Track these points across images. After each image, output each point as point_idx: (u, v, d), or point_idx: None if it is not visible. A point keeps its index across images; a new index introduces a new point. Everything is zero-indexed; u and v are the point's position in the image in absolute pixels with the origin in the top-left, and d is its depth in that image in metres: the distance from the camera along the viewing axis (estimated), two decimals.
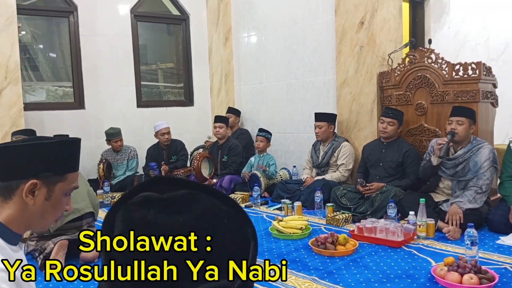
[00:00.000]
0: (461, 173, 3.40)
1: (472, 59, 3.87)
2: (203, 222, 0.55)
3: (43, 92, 5.65)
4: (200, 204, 0.57)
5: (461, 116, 3.37)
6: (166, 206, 0.55)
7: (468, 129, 3.38)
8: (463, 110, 3.43)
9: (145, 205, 0.56)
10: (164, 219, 0.54)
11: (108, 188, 4.96)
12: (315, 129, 4.52)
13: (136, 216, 0.56)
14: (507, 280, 2.39)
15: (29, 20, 5.58)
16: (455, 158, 3.43)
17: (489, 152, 3.32)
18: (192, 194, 0.58)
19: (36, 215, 1.09)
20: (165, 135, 5.35)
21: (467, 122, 3.36)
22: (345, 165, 4.37)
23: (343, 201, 3.91)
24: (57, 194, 1.10)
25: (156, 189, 0.59)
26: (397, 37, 4.52)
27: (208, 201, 0.58)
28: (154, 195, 0.57)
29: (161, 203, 0.56)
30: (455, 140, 3.39)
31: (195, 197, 0.57)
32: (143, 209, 0.56)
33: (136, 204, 0.57)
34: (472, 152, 3.37)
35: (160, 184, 0.60)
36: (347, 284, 2.43)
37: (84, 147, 6.28)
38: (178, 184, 0.60)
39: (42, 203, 1.08)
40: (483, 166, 3.29)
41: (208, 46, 6.42)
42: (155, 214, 0.55)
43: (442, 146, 3.34)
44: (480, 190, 3.26)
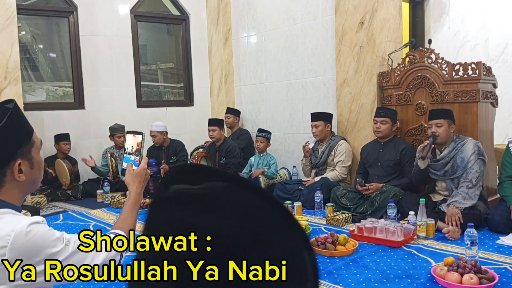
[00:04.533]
0: (451, 171, 3.44)
1: (472, 59, 3.87)
2: (247, 225, 0.48)
3: (43, 92, 5.65)
4: (241, 200, 0.49)
5: (439, 118, 3.43)
6: (205, 204, 0.48)
7: (448, 130, 3.42)
8: (440, 112, 3.49)
9: (177, 202, 0.49)
10: (203, 222, 0.47)
11: (108, 188, 4.96)
12: (312, 129, 4.52)
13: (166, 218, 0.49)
14: (507, 280, 2.39)
15: (29, 20, 5.58)
16: (442, 159, 3.47)
17: (473, 146, 3.36)
18: (231, 187, 0.50)
19: (30, 184, 1.21)
20: (153, 137, 5.23)
21: (446, 123, 3.41)
22: (342, 162, 4.37)
23: (343, 201, 3.92)
24: (36, 157, 1.21)
25: (188, 179, 0.51)
26: (397, 37, 4.52)
27: (248, 198, 0.50)
28: (189, 189, 0.49)
29: (198, 199, 0.49)
30: (438, 142, 3.45)
31: (235, 191, 0.50)
32: (182, 207, 0.48)
33: (166, 201, 0.50)
34: (457, 149, 3.42)
35: (191, 172, 0.53)
36: (347, 284, 2.43)
37: (84, 147, 6.28)
38: (212, 174, 0.52)
39: (30, 172, 1.19)
40: (470, 160, 3.33)
41: (208, 46, 6.43)
42: (191, 214, 0.48)
43: (424, 148, 3.39)
44: (471, 184, 3.29)
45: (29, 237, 1.05)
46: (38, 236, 1.07)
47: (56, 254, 1.09)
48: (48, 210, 4.59)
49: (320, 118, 4.47)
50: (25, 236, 1.05)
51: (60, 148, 5.13)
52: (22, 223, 1.06)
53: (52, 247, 1.08)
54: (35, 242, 1.06)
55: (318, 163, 4.52)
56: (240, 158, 5.25)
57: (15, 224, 1.06)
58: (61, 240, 1.11)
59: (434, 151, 3.53)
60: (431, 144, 3.40)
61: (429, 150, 3.41)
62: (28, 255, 1.05)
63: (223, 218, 0.47)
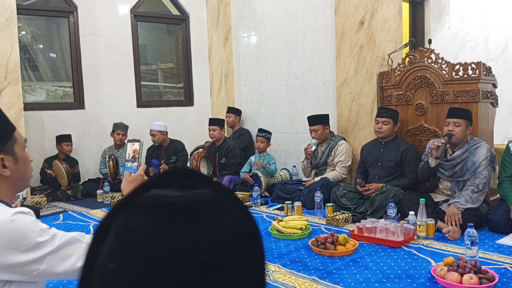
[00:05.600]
0: (459, 173, 3.41)
1: (472, 59, 3.87)
2: (212, 243, 0.44)
3: (43, 92, 5.65)
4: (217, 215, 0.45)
5: (458, 117, 3.36)
6: (175, 215, 0.43)
7: (465, 130, 3.37)
8: (460, 111, 3.42)
9: (148, 211, 0.44)
10: (166, 235, 0.43)
11: (108, 188, 4.96)
12: (311, 134, 4.51)
13: (133, 225, 0.44)
14: (507, 280, 2.39)
15: (29, 20, 5.58)
16: (453, 159, 3.43)
17: (486, 151, 3.31)
18: (213, 200, 0.47)
19: (17, 180, 1.23)
20: (153, 136, 5.32)
21: (464, 124, 3.35)
22: (342, 162, 4.37)
23: (343, 201, 3.91)
24: (20, 153, 1.23)
25: (175, 183, 0.48)
26: (397, 37, 4.52)
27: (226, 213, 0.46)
28: (167, 198, 0.45)
29: (170, 209, 0.44)
30: (452, 141, 3.39)
31: (214, 205, 0.46)
32: (145, 216, 0.44)
33: (139, 208, 0.45)
34: (470, 152, 3.37)
35: (180, 177, 0.49)
36: (347, 284, 2.43)
37: (84, 147, 6.28)
38: (200, 180, 0.49)
39: (15, 168, 1.21)
40: (480, 165, 3.29)
41: (208, 46, 6.43)
42: (157, 225, 0.43)
43: (439, 147, 3.35)
44: (476, 189, 3.27)
45: (14, 224, 1.06)
46: (24, 225, 1.08)
47: (42, 244, 1.09)
48: (48, 210, 4.59)
49: (317, 122, 4.46)
50: (10, 224, 1.06)
51: (62, 149, 5.12)
52: (7, 213, 1.08)
53: (37, 236, 1.08)
54: (20, 230, 1.07)
55: (318, 163, 4.52)
56: (240, 158, 5.25)
57: (0, 214, 1.08)
58: (46, 232, 1.11)
59: (446, 150, 3.46)
60: (446, 144, 3.34)
61: (444, 150, 3.35)
62: (14, 242, 1.06)
63: (190, 233, 0.43)
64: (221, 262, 0.44)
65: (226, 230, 0.45)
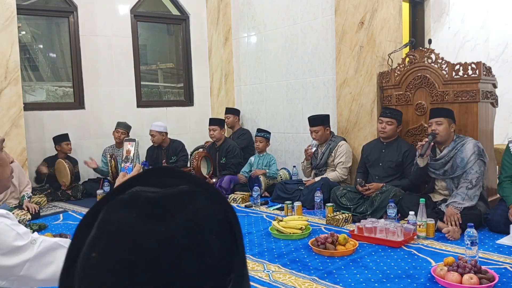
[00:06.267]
0: (450, 171, 3.45)
1: (472, 59, 3.87)
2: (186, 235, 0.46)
3: (43, 92, 5.65)
4: (193, 208, 0.48)
5: (440, 116, 3.45)
6: (152, 208, 0.47)
7: (448, 128, 3.44)
8: (441, 110, 3.51)
9: (129, 205, 0.47)
10: (143, 226, 0.45)
11: (108, 188, 4.96)
12: (312, 134, 4.50)
13: (114, 218, 0.47)
14: (507, 280, 2.39)
15: (29, 20, 5.58)
16: (441, 158, 3.48)
17: (473, 146, 3.36)
18: (190, 193, 0.49)
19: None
20: (152, 137, 5.33)
21: (446, 122, 3.44)
22: (342, 163, 4.37)
23: (343, 201, 3.91)
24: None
25: (157, 181, 0.51)
26: (397, 37, 4.53)
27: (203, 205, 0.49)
28: (144, 193, 0.48)
29: (148, 203, 0.47)
30: (438, 140, 3.46)
31: (191, 198, 0.49)
32: (125, 209, 0.47)
33: (120, 202, 0.48)
34: (457, 149, 3.42)
35: (163, 175, 0.52)
36: (347, 284, 2.43)
37: (84, 147, 6.27)
38: (182, 177, 0.52)
39: None
40: (469, 160, 3.33)
41: (208, 46, 6.43)
42: (135, 217, 0.46)
43: (423, 146, 3.40)
44: (470, 185, 3.29)
45: None
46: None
47: (20, 249, 1.05)
48: (48, 210, 4.59)
49: (318, 123, 4.45)
50: None
51: (62, 148, 5.11)
52: None
53: (13, 240, 1.04)
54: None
55: (318, 164, 4.52)
56: (240, 158, 5.25)
57: None
58: (24, 237, 1.07)
59: (434, 150, 3.53)
60: (430, 142, 3.40)
61: (428, 148, 3.40)
62: None
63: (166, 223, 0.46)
64: (196, 248, 0.46)
65: (200, 219, 0.48)
